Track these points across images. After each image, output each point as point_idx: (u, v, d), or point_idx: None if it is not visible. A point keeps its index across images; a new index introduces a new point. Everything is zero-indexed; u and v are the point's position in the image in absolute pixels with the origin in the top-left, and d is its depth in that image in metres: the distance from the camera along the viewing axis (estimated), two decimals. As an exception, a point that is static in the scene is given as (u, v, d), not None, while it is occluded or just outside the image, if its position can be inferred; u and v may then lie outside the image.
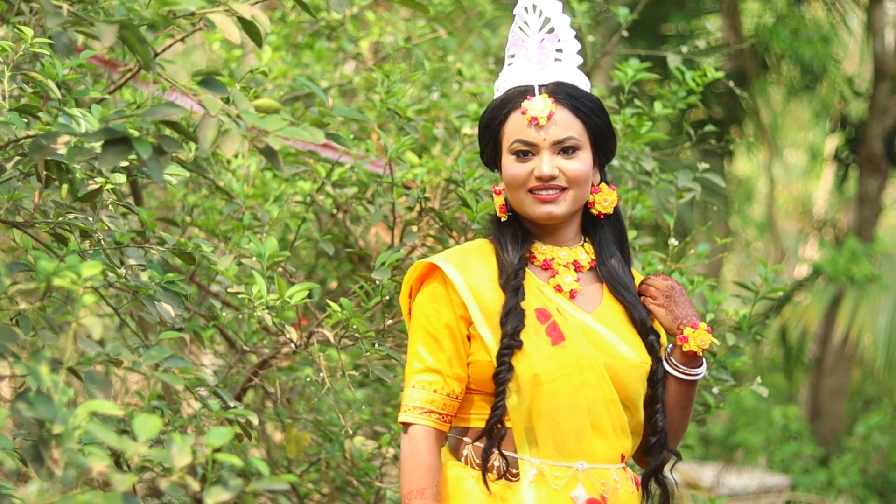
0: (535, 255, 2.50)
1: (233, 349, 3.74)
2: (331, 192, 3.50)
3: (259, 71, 3.17)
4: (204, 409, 2.76)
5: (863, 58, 12.35)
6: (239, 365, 3.62)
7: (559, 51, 2.49)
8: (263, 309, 2.72)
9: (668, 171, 3.71)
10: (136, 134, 1.87)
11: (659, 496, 2.53)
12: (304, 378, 3.54)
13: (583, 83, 2.50)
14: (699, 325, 2.48)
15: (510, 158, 2.46)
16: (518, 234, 2.49)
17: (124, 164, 2.36)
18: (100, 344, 1.89)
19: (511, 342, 2.37)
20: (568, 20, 2.51)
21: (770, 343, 11.43)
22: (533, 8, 2.51)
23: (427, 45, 4.58)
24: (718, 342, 3.30)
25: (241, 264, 3.27)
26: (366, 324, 2.93)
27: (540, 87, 2.45)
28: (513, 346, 2.37)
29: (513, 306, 2.40)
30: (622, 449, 2.45)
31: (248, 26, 1.98)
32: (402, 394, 2.46)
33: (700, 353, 2.49)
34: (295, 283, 3.10)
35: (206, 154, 2.48)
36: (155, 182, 3.14)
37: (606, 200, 2.52)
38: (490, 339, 2.39)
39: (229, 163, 3.57)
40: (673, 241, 3.37)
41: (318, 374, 3.09)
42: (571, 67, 2.49)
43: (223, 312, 3.40)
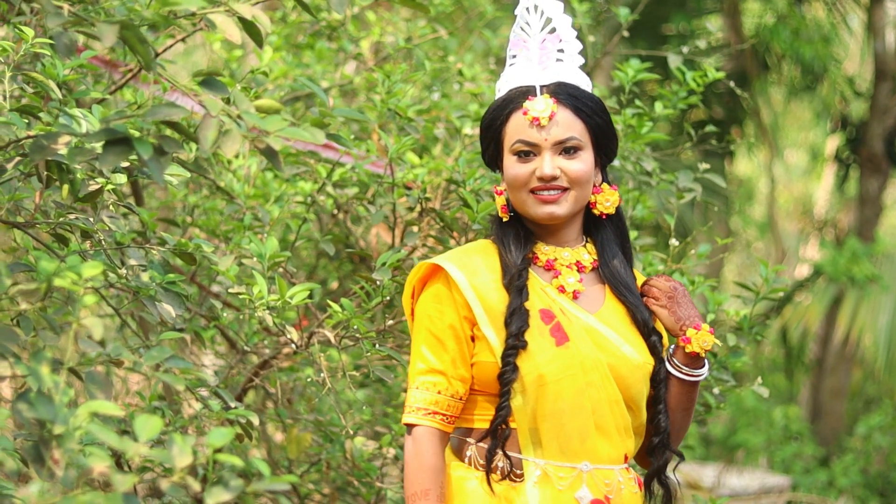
0: (538, 256, 2.50)
1: (233, 350, 3.74)
2: (331, 193, 3.50)
3: (260, 71, 3.17)
4: (205, 409, 2.76)
5: (863, 58, 12.34)
6: (240, 365, 3.62)
7: (561, 51, 2.49)
8: (264, 309, 2.71)
9: (669, 171, 3.71)
10: (136, 134, 1.87)
11: (661, 496, 2.53)
12: (305, 378, 3.54)
13: (584, 83, 2.49)
14: (702, 326, 2.48)
15: (512, 159, 2.45)
16: (521, 235, 2.49)
17: (125, 164, 2.36)
18: (101, 344, 1.89)
19: (516, 342, 2.37)
20: (569, 20, 2.51)
21: (771, 343, 11.43)
22: (534, 8, 2.51)
23: (428, 46, 4.57)
24: (720, 343, 3.30)
25: (241, 265, 3.27)
26: (366, 324, 2.93)
27: (541, 87, 2.45)
28: (517, 347, 2.37)
29: (517, 307, 2.39)
30: (625, 449, 2.45)
31: (249, 26, 1.98)
32: (406, 395, 2.45)
33: (702, 354, 2.49)
34: (296, 283, 3.09)
35: (207, 154, 2.48)
36: (156, 182, 3.14)
37: (608, 201, 2.52)
38: (494, 340, 2.39)
39: (230, 163, 3.57)
40: (674, 242, 3.37)
41: (319, 374, 3.09)
42: (573, 68, 2.49)
43: (224, 313, 3.40)
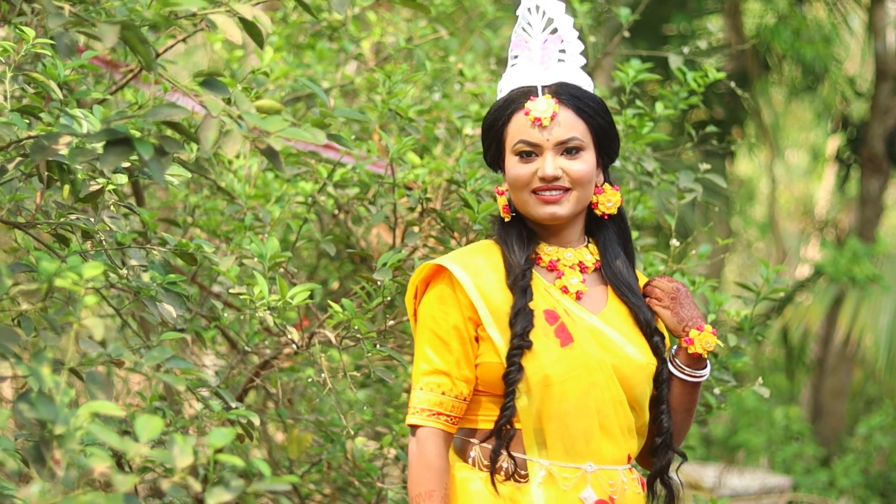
0: (541, 256, 2.49)
1: (234, 350, 3.74)
2: (332, 193, 3.50)
3: (260, 71, 3.17)
4: (205, 409, 2.76)
5: (864, 58, 12.34)
6: (240, 366, 3.62)
7: (562, 51, 2.49)
8: (265, 310, 2.71)
9: (670, 171, 3.71)
10: (137, 135, 1.87)
11: (664, 497, 2.53)
12: (306, 379, 3.54)
13: (586, 84, 2.49)
14: (704, 327, 2.48)
15: (514, 159, 2.45)
16: (523, 235, 2.49)
17: (126, 164, 2.36)
18: (101, 345, 1.89)
19: (521, 343, 2.37)
20: (571, 21, 2.51)
21: (771, 343, 11.42)
22: (536, 9, 2.50)
23: (428, 46, 4.57)
24: (722, 344, 3.30)
25: (242, 265, 3.27)
26: (367, 324, 2.92)
27: (543, 87, 2.45)
28: (523, 347, 2.37)
29: (522, 307, 2.39)
30: (629, 450, 2.45)
31: (250, 27, 1.98)
32: (410, 396, 2.45)
33: (705, 355, 2.49)
34: (296, 283, 3.09)
35: (208, 155, 2.48)
36: (156, 183, 3.14)
37: (610, 201, 2.51)
38: (499, 341, 2.39)
39: (231, 163, 3.57)
40: (674, 242, 3.37)
41: (320, 374, 3.09)
42: (575, 68, 2.49)
43: (225, 313, 3.40)
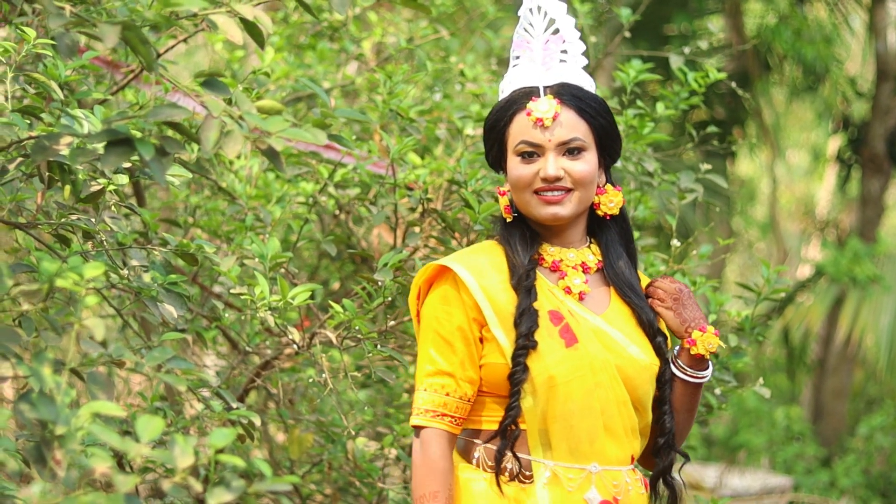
0: (544, 257, 2.49)
1: (235, 350, 3.73)
2: (333, 193, 3.50)
3: (261, 72, 3.17)
4: (206, 410, 2.76)
5: (865, 58, 12.33)
6: (241, 366, 3.62)
7: (564, 52, 2.49)
8: (266, 310, 2.71)
9: (671, 171, 3.70)
10: (138, 135, 1.87)
11: (667, 497, 2.54)
12: (307, 379, 3.54)
13: (588, 84, 2.49)
14: (707, 328, 2.48)
15: (515, 160, 2.45)
16: (526, 235, 2.49)
17: (127, 165, 2.36)
18: (102, 345, 1.89)
19: (526, 343, 2.37)
20: (573, 21, 2.51)
21: (772, 344, 11.41)
22: (538, 9, 2.50)
23: (429, 46, 4.57)
24: (724, 345, 3.29)
25: (243, 265, 3.27)
26: (368, 325, 2.92)
27: (545, 88, 2.45)
28: (528, 347, 2.37)
29: (526, 307, 2.39)
30: (632, 450, 2.45)
31: (251, 27, 1.98)
32: (413, 397, 2.45)
33: (707, 356, 2.50)
34: (297, 284, 3.09)
35: (209, 155, 2.47)
36: (157, 183, 3.14)
37: (612, 201, 2.51)
38: (504, 341, 2.39)
39: (232, 164, 3.57)
40: (675, 242, 3.36)
41: (321, 375, 3.08)
42: (576, 68, 2.49)
43: (226, 313, 3.40)
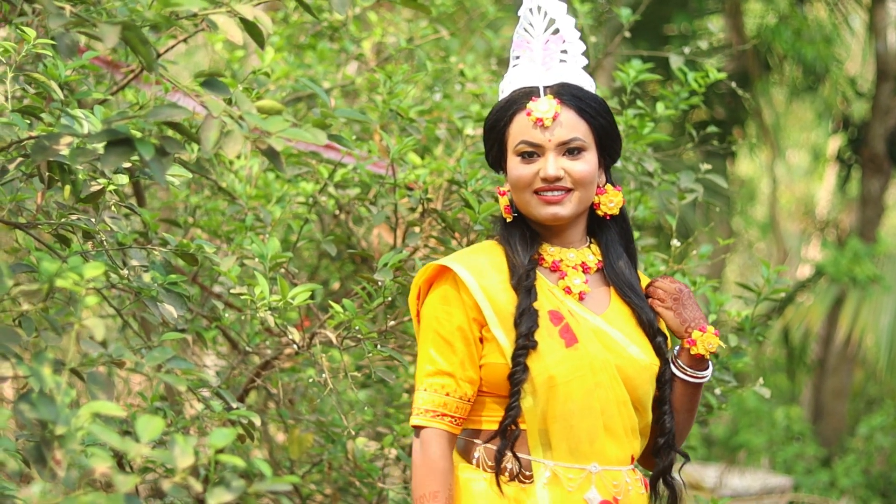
0: (544, 257, 2.49)
1: (235, 350, 3.73)
2: (333, 193, 3.50)
3: (261, 72, 3.17)
4: (206, 410, 2.76)
5: (865, 58, 12.33)
6: (241, 366, 3.62)
7: (564, 52, 2.49)
8: (266, 310, 2.71)
9: (671, 171, 3.70)
10: (138, 135, 1.87)
11: (667, 497, 2.53)
12: (307, 379, 3.54)
13: (588, 84, 2.49)
14: (707, 328, 2.48)
15: (515, 160, 2.45)
16: (526, 235, 2.49)
17: (127, 165, 2.36)
18: (102, 345, 1.89)
19: (526, 343, 2.37)
20: (573, 21, 2.51)
21: (772, 344, 11.41)
22: (538, 9, 2.50)
23: (429, 46, 4.57)
24: (724, 345, 3.29)
25: (243, 265, 3.27)
26: (368, 325, 2.92)
27: (545, 88, 2.45)
28: (528, 347, 2.37)
29: (527, 307, 2.39)
30: (632, 450, 2.45)
31: (251, 27, 1.98)
32: (413, 397, 2.45)
33: (707, 356, 2.50)
34: (297, 284, 3.09)
35: (209, 155, 2.48)
36: (157, 183, 3.14)
37: (612, 201, 2.51)
38: (504, 341, 2.39)
39: (232, 164, 3.57)
40: (675, 242, 3.36)
41: (321, 375, 3.08)
42: (576, 68, 2.49)
43: (226, 313, 3.40)
